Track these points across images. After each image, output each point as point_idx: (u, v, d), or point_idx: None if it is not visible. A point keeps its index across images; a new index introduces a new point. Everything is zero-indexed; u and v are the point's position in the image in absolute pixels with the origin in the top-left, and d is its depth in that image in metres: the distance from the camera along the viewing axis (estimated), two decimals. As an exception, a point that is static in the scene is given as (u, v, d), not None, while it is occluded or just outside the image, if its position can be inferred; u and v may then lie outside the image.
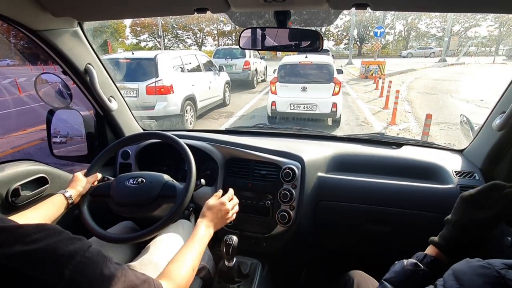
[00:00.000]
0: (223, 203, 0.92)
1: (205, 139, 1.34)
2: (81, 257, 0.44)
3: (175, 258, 0.72)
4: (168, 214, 0.91)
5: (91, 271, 0.44)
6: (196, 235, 0.81)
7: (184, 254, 0.73)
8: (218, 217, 0.89)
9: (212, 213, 0.89)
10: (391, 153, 1.33)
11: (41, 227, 0.45)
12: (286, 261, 1.44)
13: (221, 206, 0.91)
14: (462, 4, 0.79)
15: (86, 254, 0.45)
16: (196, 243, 0.78)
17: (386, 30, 30.30)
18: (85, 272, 0.43)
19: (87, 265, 0.44)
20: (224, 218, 0.92)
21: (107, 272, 0.46)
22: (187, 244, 0.77)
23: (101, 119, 1.33)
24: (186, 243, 0.78)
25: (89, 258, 0.45)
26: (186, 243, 0.78)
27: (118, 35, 33.82)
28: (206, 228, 0.84)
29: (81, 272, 0.43)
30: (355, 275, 0.90)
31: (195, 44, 36.10)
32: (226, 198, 0.94)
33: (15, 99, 9.14)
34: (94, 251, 0.47)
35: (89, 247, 0.46)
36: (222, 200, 0.93)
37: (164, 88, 4.89)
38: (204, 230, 0.83)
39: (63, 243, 0.44)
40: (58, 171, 1.14)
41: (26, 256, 0.40)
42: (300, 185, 1.18)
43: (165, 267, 0.69)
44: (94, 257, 0.46)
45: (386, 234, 1.16)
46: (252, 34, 0.95)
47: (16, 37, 14.98)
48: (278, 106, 5.32)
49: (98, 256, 0.46)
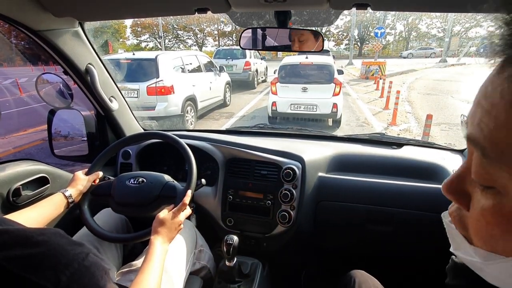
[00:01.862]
0: (175, 215, 0.87)
1: (205, 139, 1.35)
2: (79, 264, 0.44)
3: (138, 281, 0.69)
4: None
5: (86, 281, 0.44)
6: (153, 254, 0.77)
7: (146, 277, 0.70)
8: (172, 230, 0.86)
9: (165, 227, 0.85)
10: (391, 153, 1.33)
11: (42, 230, 0.45)
12: (286, 261, 1.44)
13: (173, 219, 0.86)
14: (462, 4, 0.79)
15: (85, 263, 0.45)
16: (155, 263, 0.75)
17: (387, 30, 30.29)
18: (81, 281, 0.43)
19: (84, 274, 0.44)
20: (176, 230, 0.88)
21: (102, 285, 0.46)
22: (146, 265, 0.74)
23: (102, 119, 1.34)
24: (144, 264, 0.74)
25: (86, 267, 0.45)
26: (145, 263, 0.75)
27: (119, 35, 33.90)
28: (161, 245, 0.81)
29: (77, 281, 0.43)
30: (356, 274, 0.90)
31: (195, 45, 36.17)
32: (178, 210, 0.89)
33: (16, 99, 9.16)
34: (92, 260, 0.47)
35: (88, 254, 0.46)
36: (175, 212, 0.88)
37: (164, 88, 4.90)
38: (160, 247, 0.80)
39: (63, 248, 0.44)
40: (59, 171, 1.14)
41: (25, 259, 0.41)
42: (301, 185, 1.18)
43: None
44: (92, 267, 0.46)
45: (387, 234, 1.16)
46: (253, 34, 0.95)
47: (17, 37, 15.02)
48: (278, 106, 5.33)
49: (95, 266, 0.46)
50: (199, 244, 1.12)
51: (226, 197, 1.25)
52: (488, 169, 0.26)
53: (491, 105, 0.25)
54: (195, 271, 1.09)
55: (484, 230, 0.28)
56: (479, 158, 0.26)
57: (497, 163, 0.25)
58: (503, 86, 0.24)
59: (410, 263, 1.26)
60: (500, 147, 0.24)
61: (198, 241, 1.12)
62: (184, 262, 0.96)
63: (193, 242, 1.07)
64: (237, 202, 1.24)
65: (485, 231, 0.28)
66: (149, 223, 0.88)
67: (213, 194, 1.27)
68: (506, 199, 0.25)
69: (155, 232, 0.84)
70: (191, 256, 1.03)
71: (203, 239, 1.17)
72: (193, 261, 1.05)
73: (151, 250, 0.78)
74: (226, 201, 1.25)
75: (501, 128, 0.24)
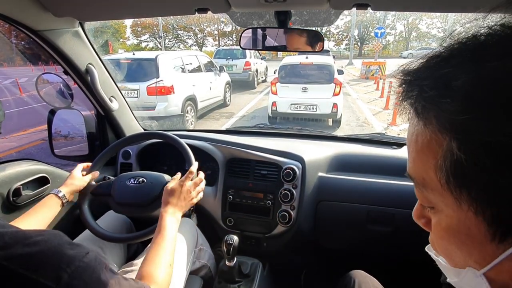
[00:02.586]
0: (183, 184, 0.88)
1: (205, 139, 1.35)
2: (79, 262, 0.44)
3: (152, 257, 0.69)
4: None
5: (88, 277, 0.44)
6: (165, 227, 0.77)
7: (159, 252, 0.70)
8: (181, 199, 0.86)
9: (174, 197, 0.85)
10: (392, 153, 1.33)
11: (41, 232, 0.46)
12: (286, 261, 1.44)
13: (181, 187, 0.87)
14: (462, 4, 0.79)
15: (84, 259, 0.45)
16: (167, 237, 0.75)
17: (387, 30, 30.30)
18: (82, 277, 0.43)
19: (85, 270, 0.44)
20: (188, 198, 0.88)
21: (103, 278, 0.46)
22: (158, 239, 0.74)
23: (102, 119, 1.34)
24: (156, 239, 0.74)
25: (87, 263, 0.45)
26: (157, 235, 0.74)
27: (119, 35, 33.93)
28: (171, 216, 0.81)
29: (78, 277, 0.43)
30: (356, 275, 0.90)
31: (195, 45, 36.19)
32: (185, 178, 0.90)
33: (16, 99, 9.16)
34: (92, 256, 0.47)
35: (87, 253, 0.47)
36: (182, 181, 0.89)
37: (165, 88, 4.90)
38: (170, 218, 0.80)
39: (63, 247, 0.45)
40: (59, 171, 1.14)
41: (26, 258, 0.41)
42: (301, 185, 1.18)
43: (142, 268, 0.67)
44: (92, 262, 0.46)
45: (387, 234, 1.16)
46: (253, 34, 0.95)
47: (17, 37, 15.02)
48: (278, 106, 5.33)
49: (95, 261, 0.47)
50: (199, 242, 1.12)
51: (226, 197, 1.25)
52: (424, 194, 0.32)
53: (409, 147, 0.32)
54: (195, 270, 1.08)
55: (442, 247, 0.33)
56: (416, 187, 0.33)
57: (425, 188, 0.31)
58: (417, 135, 0.30)
59: (410, 263, 1.26)
60: (420, 177, 0.31)
61: (199, 239, 1.12)
62: (185, 261, 0.96)
63: (194, 241, 1.07)
64: (237, 202, 1.24)
65: (443, 247, 0.33)
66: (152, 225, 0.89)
67: (213, 194, 1.27)
68: (443, 215, 0.31)
69: (165, 203, 0.84)
70: (191, 255, 1.03)
71: (203, 238, 1.17)
72: (193, 260, 1.05)
73: (162, 221, 0.78)
74: (226, 201, 1.25)
75: (413, 163, 0.32)
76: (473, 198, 0.26)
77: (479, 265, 0.29)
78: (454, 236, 0.30)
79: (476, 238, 0.28)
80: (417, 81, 0.29)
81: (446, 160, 0.27)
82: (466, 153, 0.25)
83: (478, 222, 0.27)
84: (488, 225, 0.26)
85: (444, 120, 0.26)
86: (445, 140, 0.26)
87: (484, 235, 0.27)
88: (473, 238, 0.28)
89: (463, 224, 0.28)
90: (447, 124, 0.26)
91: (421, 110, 0.29)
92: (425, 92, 0.28)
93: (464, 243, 0.30)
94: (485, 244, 0.27)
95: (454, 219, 0.29)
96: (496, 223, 0.26)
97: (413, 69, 0.30)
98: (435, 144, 0.28)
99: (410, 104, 0.30)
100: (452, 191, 0.27)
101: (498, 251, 0.27)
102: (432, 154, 0.28)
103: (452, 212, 0.29)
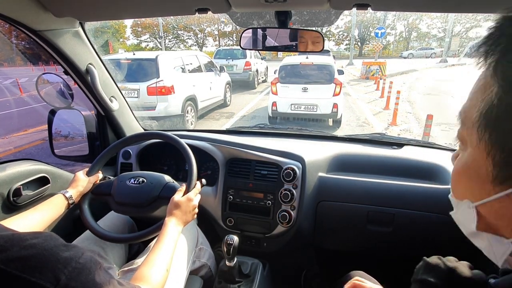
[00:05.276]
0: (190, 199, 0.90)
1: (206, 139, 1.35)
2: (75, 263, 0.45)
3: (149, 260, 0.70)
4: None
5: (84, 277, 0.45)
6: (166, 234, 0.79)
7: (157, 256, 0.72)
8: (186, 213, 0.88)
9: (180, 210, 0.87)
10: (392, 153, 1.33)
11: (36, 234, 0.46)
12: (286, 261, 1.44)
13: (188, 202, 0.89)
14: (463, 4, 0.79)
15: (80, 261, 0.46)
16: (167, 244, 0.77)
17: (387, 30, 30.26)
18: (79, 278, 0.44)
19: (82, 271, 0.45)
20: (191, 213, 0.90)
21: (98, 279, 0.47)
22: (158, 245, 0.76)
23: (102, 119, 1.34)
24: (156, 244, 0.76)
25: (83, 264, 0.46)
26: (157, 243, 0.76)
27: (119, 35, 33.94)
28: (175, 227, 0.83)
29: (76, 278, 0.43)
30: (356, 275, 0.90)
31: (196, 45, 36.19)
32: (192, 194, 0.92)
33: (16, 99, 9.17)
34: (87, 257, 0.48)
35: (83, 253, 0.47)
36: (189, 196, 0.91)
37: (165, 88, 4.90)
38: (172, 228, 0.82)
39: (59, 249, 0.45)
40: (59, 171, 1.14)
41: (24, 261, 0.41)
42: (301, 185, 1.18)
43: (138, 270, 0.68)
44: (88, 263, 0.47)
45: (387, 234, 1.16)
46: (253, 35, 0.95)
47: (18, 37, 15.03)
48: (279, 106, 5.33)
49: (91, 262, 0.47)
50: (200, 242, 1.12)
51: (226, 197, 1.25)
52: (461, 130, 0.37)
53: (472, 88, 0.36)
54: (195, 270, 1.08)
55: (454, 180, 0.40)
56: (460, 125, 0.38)
57: (464, 124, 0.36)
58: (480, 79, 0.35)
59: (410, 263, 1.26)
60: (464, 114, 0.36)
61: (199, 239, 1.12)
62: (185, 260, 0.96)
63: (194, 240, 1.08)
64: (237, 202, 1.24)
65: (455, 181, 0.40)
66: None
67: (213, 194, 1.27)
68: (466, 153, 0.36)
69: (170, 214, 0.86)
70: (192, 254, 1.03)
71: (203, 237, 1.17)
72: (193, 259, 1.05)
73: (164, 230, 0.80)
74: (226, 201, 1.25)
75: (467, 102, 0.36)
76: (491, 139, 0.31)
77: (475, 199, 0.35)
78: (466, 171, 0.37)
79: (481, 176, 0.34)
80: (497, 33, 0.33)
81: (486, 102, 0.32)
82: (502, 99, 0.30)
83: (487, 162, 0.32)
84: (493, 167, 0.32)
85: (498, 68, 0.31)
86: (493, 86, 0.31)
87: (487, 175, 0.33)
88: (478, 175, 0.34)
89: (476, 162, 0.34)
90: (499, 72, 0.31)
91: (487, 56, 0.33)
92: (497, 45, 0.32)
93: (471, 178, 0.36)
94: (486, 183, 0.33)
95: (471, 156, 0.35)
96: (500, 167, 0.31)
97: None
98: (486, 87, 0.32)
99: (484, 51, 0.33)
100: (477, 129, 0.33)
101: (494, 192, 0.33)
102: (481, 96, 0.33)
103: (472, 150, 0.35)
